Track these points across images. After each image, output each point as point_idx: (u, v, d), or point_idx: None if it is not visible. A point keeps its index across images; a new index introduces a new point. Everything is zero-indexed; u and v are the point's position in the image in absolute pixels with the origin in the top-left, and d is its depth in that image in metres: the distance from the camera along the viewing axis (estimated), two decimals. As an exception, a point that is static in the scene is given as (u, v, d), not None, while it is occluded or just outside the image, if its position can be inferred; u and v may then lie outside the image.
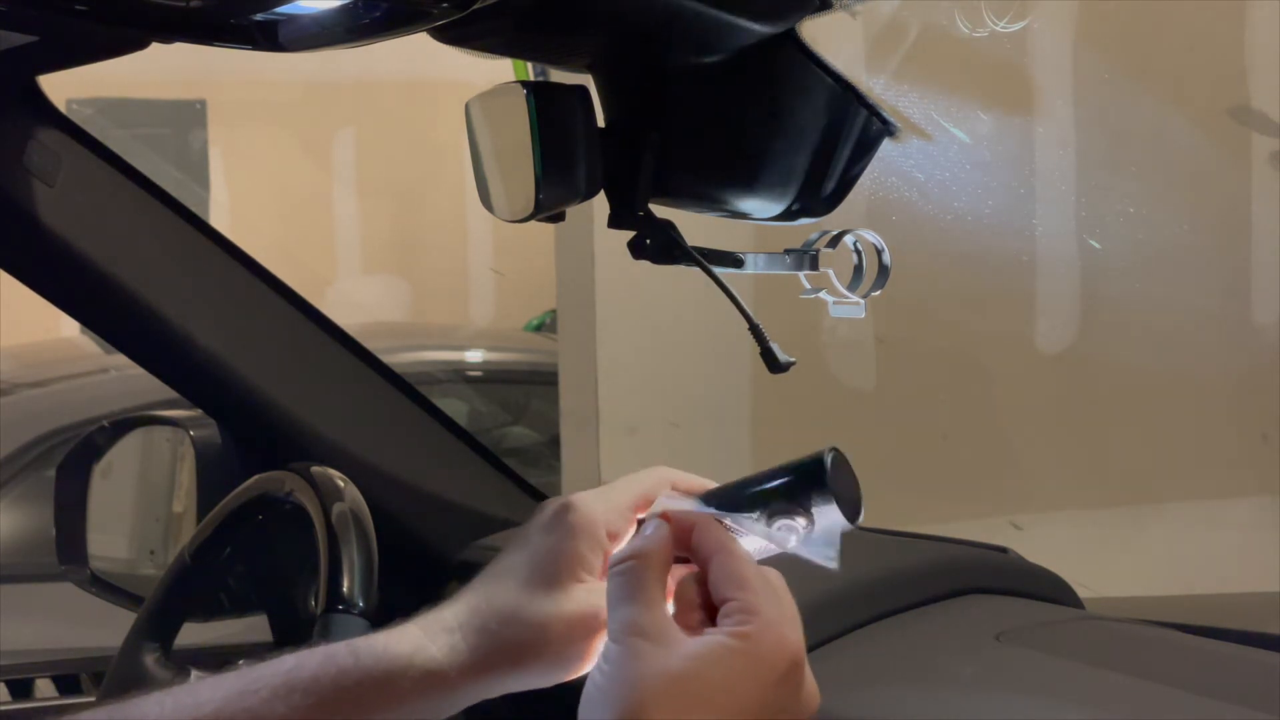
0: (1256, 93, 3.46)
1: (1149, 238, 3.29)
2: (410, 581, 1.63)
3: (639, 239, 0.99)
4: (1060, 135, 3.43)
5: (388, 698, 0.76)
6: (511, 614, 0.79)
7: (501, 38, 0.96)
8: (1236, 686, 1.18)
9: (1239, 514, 3.43)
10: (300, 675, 0.76)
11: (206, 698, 0.75)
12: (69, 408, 3.31)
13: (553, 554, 0.80)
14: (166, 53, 1.16)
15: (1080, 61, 3.41)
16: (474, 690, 0.78)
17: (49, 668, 2.20)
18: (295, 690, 0.76)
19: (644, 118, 0.99)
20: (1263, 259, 3.48)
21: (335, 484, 1.38)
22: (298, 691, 0.76)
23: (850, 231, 0.99)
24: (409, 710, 0.77)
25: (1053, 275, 3.49)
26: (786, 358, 0.94)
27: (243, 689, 0.76)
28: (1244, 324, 3.53)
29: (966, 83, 3.15)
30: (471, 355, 4.53)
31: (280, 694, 0.75)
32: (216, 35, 0.96)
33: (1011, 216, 3.28)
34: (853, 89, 0.99)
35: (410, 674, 0.77)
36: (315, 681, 0.76)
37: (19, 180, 1.40)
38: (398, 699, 0.76)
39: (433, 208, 7.17)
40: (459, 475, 1.70)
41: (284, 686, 0.76)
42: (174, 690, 0.76)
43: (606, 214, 0.99)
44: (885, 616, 1.32)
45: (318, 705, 0.75)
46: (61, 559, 1.74)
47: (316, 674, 0.77)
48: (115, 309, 1.50)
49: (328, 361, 1.64)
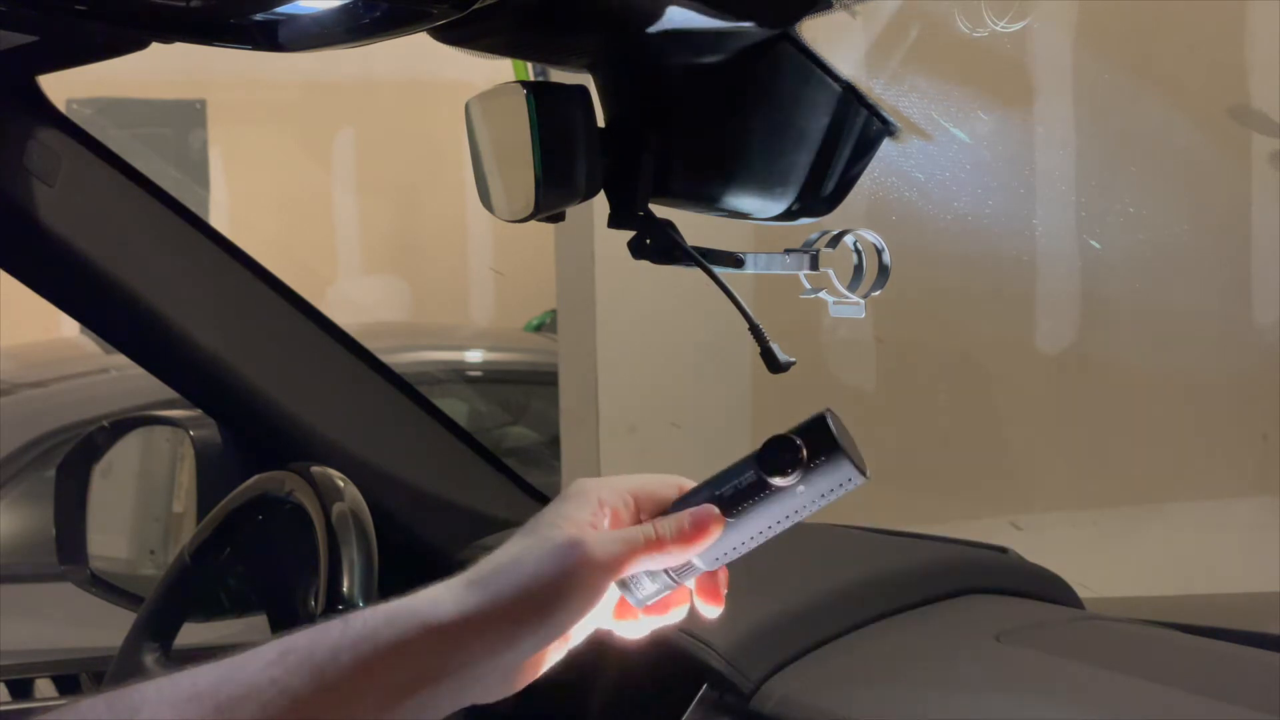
0: (1256, 93, 3.46)
1: (1149, 238, 3.29)
2: (410, 582, 1.63)
3: (639, 239, 0.99)
4: (1060, 135, 3.43)
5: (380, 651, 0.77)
6: (502, 565, 0.81)
7: (501, 38, 0.96)
8: (1236, 686, 1.18)
9: (1239, 514, 3.43)
10: (295, 644, 0.78)
11: (202, 676, 0.76)
12: (69, 408, 3.31)
13: (548, 514, 0.83)
14: (166, 53, 1.16)
15: (1080, 61, 3.41)
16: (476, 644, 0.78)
17: (49, 668, 2.20)
18: (289, 653, 0.77)
19: (644, 118, 0.99)
20: (1263, 259, 3.48)
21: (335, 484, 1.38)
22: (291, 653, 0.77)
23: (850, 231, 0.99)
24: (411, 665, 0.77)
25: (1053, 275, 3.49)
26: (786, 358, 0.94)
27: (238, 662, 0.77)
28: (1244, 324, 3.53)
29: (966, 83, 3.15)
30: (471, 355, 4.53)
31: (274, 661, 0.77)
32: (216, 35, 0.96)
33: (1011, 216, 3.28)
34: (853, 89, 0.99)
35: (393, 627, 0.78)
36: (309, 644, 0.77)
37: (19, 180, 1.40)
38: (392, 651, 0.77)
39: (433, 208, 7.17)
40: (459, 475, 1.70)
41: (278, 654, 0.77)
42: (172, 675, 0.76)
43: (606, 214, 0.99)
44: (885, 616, 1.32)
45: (311, 667, 0.76)
46: (61, 559, 1.74)
47: (310, 637, 0.78)
48: (115, 309, 1.50)
49: (328, 361, 1.64)
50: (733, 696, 1.20)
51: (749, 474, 0.82)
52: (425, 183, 7.08)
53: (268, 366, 1.59)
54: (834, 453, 0.80)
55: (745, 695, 1.19)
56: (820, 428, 0.81)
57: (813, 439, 0.81)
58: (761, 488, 0.81)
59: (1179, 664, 1.26)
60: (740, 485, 0.82)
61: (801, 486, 0.81)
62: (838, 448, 0.80)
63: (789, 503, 0.82)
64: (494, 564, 0.81)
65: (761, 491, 0.81)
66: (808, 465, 0.80)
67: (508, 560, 0.81)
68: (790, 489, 0.81)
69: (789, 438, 0.81)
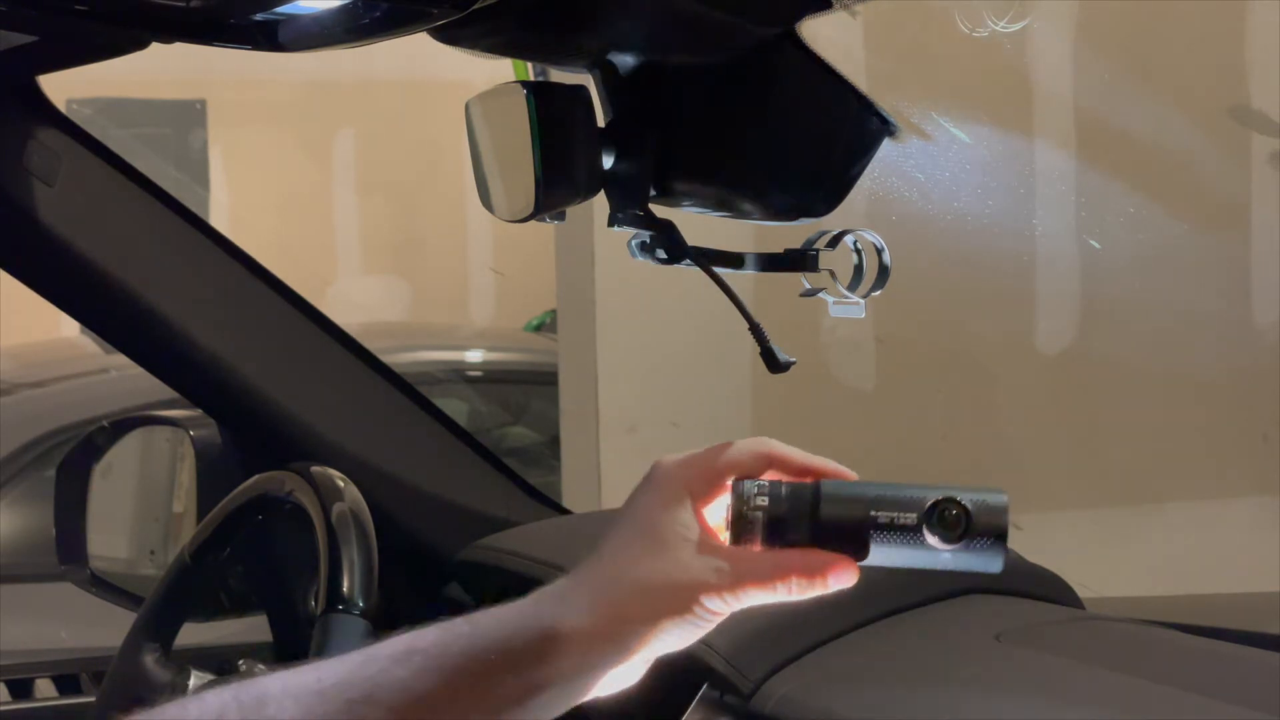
0: (1256, 93, 3.46)
1: (1149, 238, 3.29)
2: (410, 581, 1.63)
3: (639, 239, 0.99)
4: (1060, 135, 3.43)
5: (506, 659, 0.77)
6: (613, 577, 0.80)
7: (501, 38, 0.96)
8: (1236, 686, 1.18)
9: (1239, 514, 3.43)
10: (420, 642, 0.78)
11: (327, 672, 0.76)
12: (69, 408, 3.30)
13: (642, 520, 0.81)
14: (166, 53, 1.16)
15: (1080, 61, 3.41)
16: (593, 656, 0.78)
17: (49, 668, 2.20)
18: (415, 653, 0.77)
19: (644, 118, 0.99)
20: (1263, 259, 3.48)
21: (335, 484, 1.38)
22: (418, 654, 0.77)
23: (850, 231, 0.99)
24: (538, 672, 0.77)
25: (1053, 275, 3.49)
26: (786, 358, 0.94)
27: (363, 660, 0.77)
28: (1244, 324, 3.53)
29: (966, 82, 3.15)
30: (471, 355, 4.53)
31: (400, 659, 0.76)
32: (216, 35, 0.96)
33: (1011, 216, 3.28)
34: (853, 89, 0.99)
35: (523, 635, 0.78)
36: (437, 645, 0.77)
37: (19, 180, 1.40)
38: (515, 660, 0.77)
39: (433, 208, 7.17)
40: (459, 475, 1.70)
41: (404, 653, 0.77)
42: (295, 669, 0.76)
43: (606, 214, 0.99)
44: (885, 616, 1.32)
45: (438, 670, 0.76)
46: (61, 559, 1.74)
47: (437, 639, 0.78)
48: (115, 309, 1.50)
49: (328, 362, 1.64)
50: (733, 696, 1.20)
51: (911, 517, 0.79)
52: (425, 183, 7.08)
53: (268, 366, 1.59)
54: (999, 543, 0.78)
55: (745, 695, 1.19)
56: (998, 511, 0.78)
57: (987, 518, 0.78)
58: (916, 536, 0.79)
59: (1179, 664, 1.26)
60: (897, 522, 0.79)
61: (949, 555, 0.79)
62: (1004, 538, 0.78)
63: (924, 558, 0.80)
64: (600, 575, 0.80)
65: (913, 540, 0.79)
66: (971, 539, 0.78)
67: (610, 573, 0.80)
68: (938, 551, 0.79)
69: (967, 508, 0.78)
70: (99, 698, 1.55)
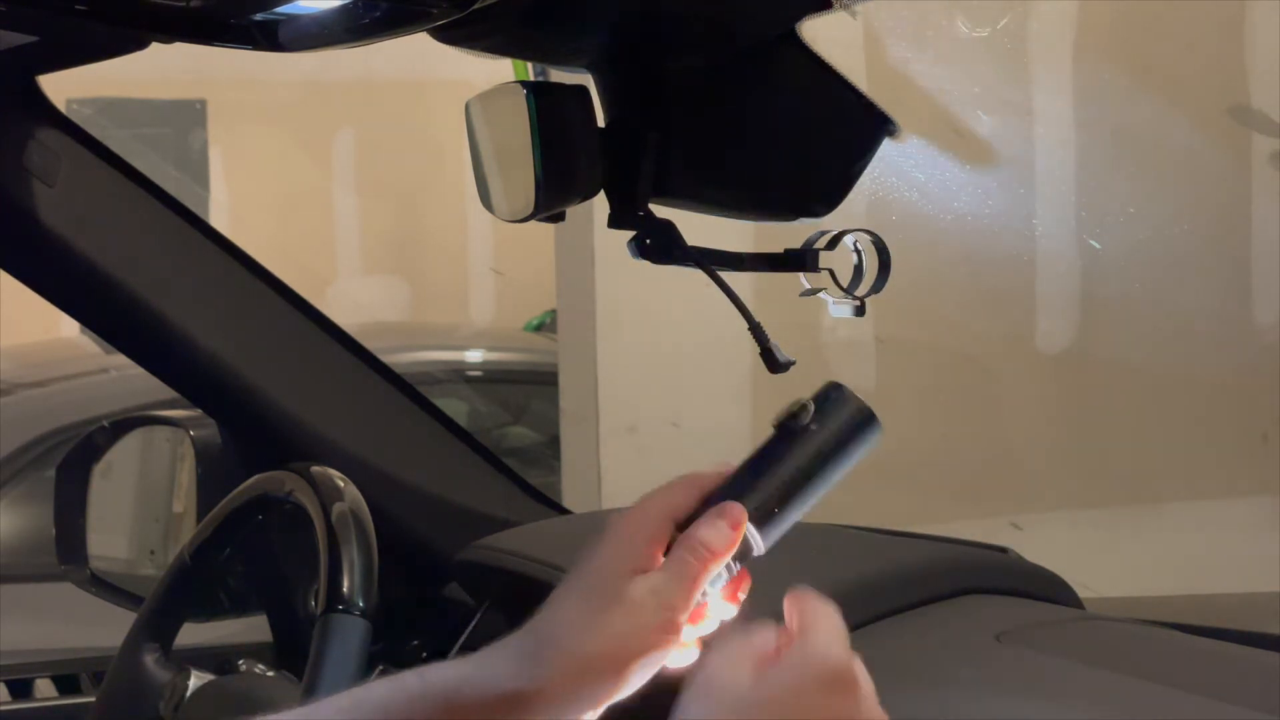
0: (1256, 93, 3.46)
1: (1149, 238, 3.29)
2: (410, 581, 1.63)
3: (639, 239, 0.99)
4: (1060, 135, 3.43)
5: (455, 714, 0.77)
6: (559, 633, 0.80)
7: (501, 37, 0.96)
8: (1236, 686, 1.18)
9: (1239, 514, 3.43)
10: (369, 697, 0.78)
11: None
12: (69, 408, 3.30)
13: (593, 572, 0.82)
14: (166, 53, 1.16)
15: (1080, 61, 3.41)
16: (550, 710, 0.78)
17: (49, 668, 2.20)
18: (362, 705, 0.77)
19: (644, 118, 0.99)
20: (1263, 259, 3.48)
21: (335, 484, 1.38)
22: (366, 704, 0.77)
23: (850, 231, 0.99)
24: None
25: (1053, 275, 3.49)
26: (786, 358, 0.94)
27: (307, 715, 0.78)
28: (1244, 324, 3.53)
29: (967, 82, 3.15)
30: (471, 355, 4.53)
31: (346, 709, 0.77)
32: (216, 35, 0.96)
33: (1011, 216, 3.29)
34: (853, 89, 0.99)
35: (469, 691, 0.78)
36: (384, 700, 0.77)
37: (19, 180, 1.40)
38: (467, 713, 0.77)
39: (433, 208, 7.17)
40: (459, 475, 1.70)
41: (351, 708, 0.77)
42: None
43: (606, 214, 0.99)
44: (885, 616, 1.32)
45: None
46: (61, 559, 1.74)
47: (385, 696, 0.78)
48: (115, 309, 1.50)
49: (328, 362, 1.64)
50: (733, 696, 1.20)
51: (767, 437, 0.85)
52: (425, 183, 7.08)
53: (268, 366, 1.59)
54: (838, 389, 0.85)
55: (745, 695, 1.19)
56: (839, 388, 0.86)
57: (819, 391, 0.86)
58: (779, 438, 0.85)
59: (1179, 664, 1.26)
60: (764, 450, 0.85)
61: (814, 424, 0.84)
62: (839, 385, 0.85)
63: (810, 444, 0.84)
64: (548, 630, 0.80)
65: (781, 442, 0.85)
66: (818, 402, 0.85)
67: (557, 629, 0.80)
68: (805, 429, 0.84)
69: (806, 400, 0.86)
70: (99, 698, 1.55)
